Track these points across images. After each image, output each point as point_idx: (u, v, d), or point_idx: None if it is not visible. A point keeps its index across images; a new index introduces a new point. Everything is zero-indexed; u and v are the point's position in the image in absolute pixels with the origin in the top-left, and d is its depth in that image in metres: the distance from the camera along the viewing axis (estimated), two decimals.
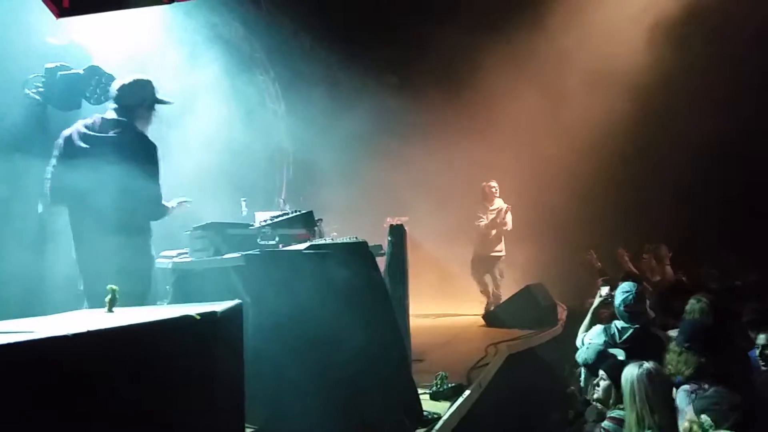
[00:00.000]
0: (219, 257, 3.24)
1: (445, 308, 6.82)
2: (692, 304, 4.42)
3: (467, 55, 9.34)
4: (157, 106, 3.72)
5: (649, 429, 2.85)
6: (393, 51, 9.35)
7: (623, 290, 4.16)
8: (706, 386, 3.06)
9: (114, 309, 1.93)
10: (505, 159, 9.12)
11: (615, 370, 3.48)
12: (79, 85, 3.90)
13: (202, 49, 6.16)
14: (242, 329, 2.10)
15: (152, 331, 1.61)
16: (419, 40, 9.36)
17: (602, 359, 3.85)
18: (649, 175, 9.68)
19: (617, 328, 4.13)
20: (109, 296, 1.92)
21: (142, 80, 3.64)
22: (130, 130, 3.48)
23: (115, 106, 3.56)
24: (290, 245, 3.47)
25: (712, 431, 2.36)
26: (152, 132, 3.72)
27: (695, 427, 2.38)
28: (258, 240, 3.46)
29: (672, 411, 2.97)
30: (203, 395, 1.72)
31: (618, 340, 4.08)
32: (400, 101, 9.65)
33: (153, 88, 3.67)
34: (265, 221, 3.59)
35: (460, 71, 9.40)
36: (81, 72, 3.91)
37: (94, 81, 3.93)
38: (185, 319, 1.67)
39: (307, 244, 3.28)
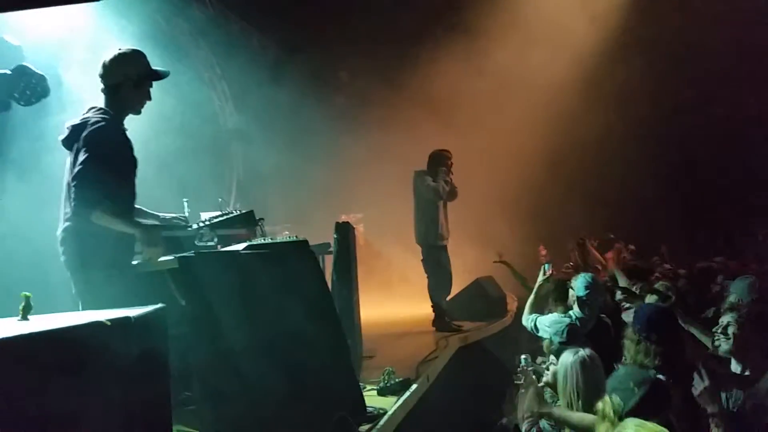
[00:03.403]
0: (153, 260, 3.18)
1: (398, 308, 6.80)
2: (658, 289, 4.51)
3: (418, 50, 9.39)
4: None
5: None
6: (342, 47, 9.31)
7: (585, 281, 4.25)
8: (617, 366, 3.14)
9: (29, 317, 1.87)
10: (462, 152, 9.20)
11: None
12: (7, 86, 3.73)
13: (142, 46, 6.01)
14: (166, 333, 2.05)
15: (60, 339, 1.56)
16: (368, 36, 9.36)
17: (573, 338, 3.92)
18: (602, 165, 9.91)
19: (577, 317, 4.20)
20: (23, 303, 1.86)
21: (125, 53, 3.23)
22: (84, 119, 3.20)
23: (101, 86, 3.25)
24: (230, 246, 3.43)
25: (620, 409, 2.44)
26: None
27: (606, 408, 2.44)
28: (196, 241, 3.41)
29: (601, 396, 3.03)
30: (118, 400, 1.68)
31: (582, 331, 4.14)
32: (351, 98, 9.67)
33: (138, 63, 3.26)
34: (202, 222, 3.54)
35: (411, 66, 9.42)
36: (8, 72, 3.75)
37: (24, 81, 3.77)
38: (96, 325, 1.63)
39: (245, 244, 3.24)
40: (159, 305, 2.09)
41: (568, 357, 3.28)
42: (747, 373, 3.26)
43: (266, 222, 6.53)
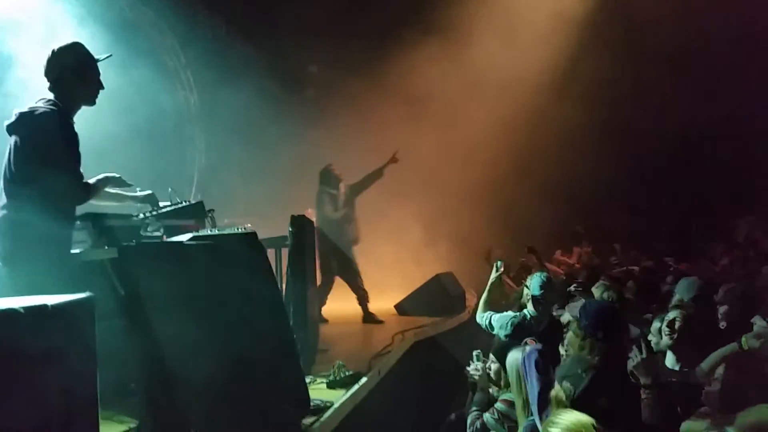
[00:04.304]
0: (93, 249, 3.14)
1: (355, 304, 6.78)
2: (599, 290, 4.58)
3: (392, 43, 9.39)
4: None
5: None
6: (313, 38, 9.26)
7: (540, 280, 4.28)
8: (564, 357, 3.20)
9: None
10: (435, 149, 9.25)
11: (503, 353, 3.59)
12: None
13: (103, 32, 5.93)
14: (92, 324, 2.03)
15: None
16: (340, 27, 9.32)
17: (519, 333, 3.96)
18: (574, 161, 10.01)
19: (531, 315, 4.22)
20: None
21: (61, 48, 3.26)
22: (33, 108, 3.20)
23: (48, 85, 3.28)
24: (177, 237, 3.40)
25: (571, 394, 2.52)
26: None
27: (560, 394, 2.52)
28: (141, 231, 3.37)
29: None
30: (34, 391, 1.67)
31: (536, 330, 4.18)
32: (321, 90, 9.62)
33: (74, 52, 3.28)
34: (148, 212, 3.50)
35: (384, 60, 9.41)
36: None
37: None
38: (7, 313, 1.62)
39: (190, 235, 3.22)
40: (86, 294, 2.06)
41: (516, 355, 3.31)
42: (685, 369, 3.38)
43: (229, 214, 6.53)
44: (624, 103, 10.01)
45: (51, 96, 3.27)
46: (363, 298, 6.64)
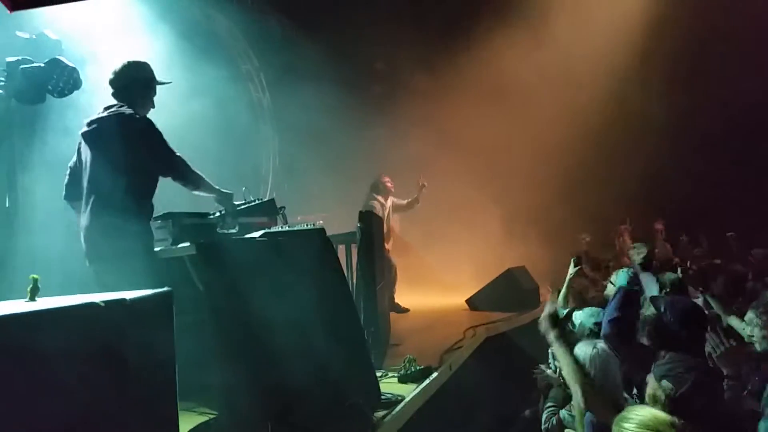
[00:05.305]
0: (173, 247, 3.28)
1: (429, 298, 6.78)
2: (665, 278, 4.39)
3: (462, 37, 9.28)
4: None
5: None
6: (380, 37, 9.28)
7: (628, 276, 4.14)
8: (663, 353, 3.06)
9: (36, 298, 1.96)
10: (498, 141, 9.08)
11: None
12: (42, 79, 3.91)
13: (181, 40, 6.19)
14: (171, 318, 2.11)
15: (50, 317, 1.64)
16: (407, 29, 9.30)
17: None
18: (640, 158, 9.57)
19: None
20: (31, 285, 1.95)
21: (134, 62, 3.61)
22: (118, 112, 3.43)
23: (111, 90, 3.56)
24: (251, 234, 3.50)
25: (672, 393, 2.42)
26: None
27: (658, 392, 2.42)
28: (218, 229, 3.50)
29: (617, 390, 2.98)
30: (113, 381, 1.75)
31: None
32: (388, 88, 9.64)
33: (145, 69, 3.62)
34: (221, 210, 3.62)
35: (453, 53, 9.33)
36: (42, 65, 3.93)
37: (57, 73, 3.95)
38: (89, 306, 1.71)
39: (262, 231, 3.31)
40: (165, 289, 2.14)
41: (586, 350, 3.22)
42: None
43: (303, 212, 6.65)
44: (702, 91, 9.43)
45: (114, 101, 3.51)
46: None
